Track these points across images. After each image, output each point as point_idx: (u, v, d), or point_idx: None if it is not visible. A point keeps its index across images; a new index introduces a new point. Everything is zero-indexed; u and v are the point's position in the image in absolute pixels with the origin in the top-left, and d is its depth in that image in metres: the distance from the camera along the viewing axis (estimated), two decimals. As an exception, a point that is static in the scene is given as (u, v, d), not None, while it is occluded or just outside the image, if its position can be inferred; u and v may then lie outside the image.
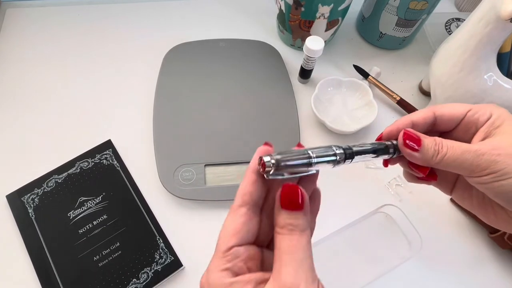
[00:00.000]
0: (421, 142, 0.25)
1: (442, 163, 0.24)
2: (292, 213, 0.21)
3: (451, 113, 0.26)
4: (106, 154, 0.51)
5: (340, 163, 0.24)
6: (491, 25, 0.41)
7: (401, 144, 0.25)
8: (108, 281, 0.42)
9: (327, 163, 0.23)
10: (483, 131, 0.25)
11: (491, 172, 0.22)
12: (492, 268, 0.45)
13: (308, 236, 0.21)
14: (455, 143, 0.24)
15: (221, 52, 0.60)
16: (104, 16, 0.66)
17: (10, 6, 0.67)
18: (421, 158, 0.25)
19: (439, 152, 0.24)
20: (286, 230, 0.21)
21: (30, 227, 0.45)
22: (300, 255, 0.20)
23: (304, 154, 0.22)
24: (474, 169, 0.23)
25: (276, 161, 0.21)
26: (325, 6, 0.53)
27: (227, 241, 0.22)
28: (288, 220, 0.21)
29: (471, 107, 0.26)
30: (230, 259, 0.21)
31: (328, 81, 0.56)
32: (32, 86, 0.58)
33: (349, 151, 0.24)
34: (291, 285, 0.19)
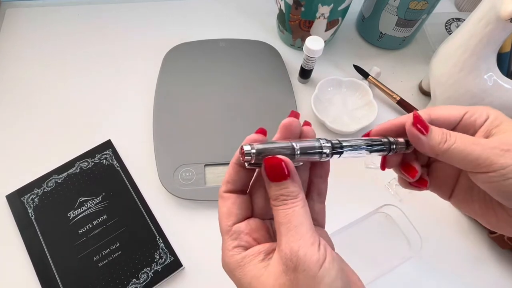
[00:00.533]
0: (429, 128, 0.24)
1: (448, 153, 0.23)
2: (280, 183, 0.21)
3: (447, 116, 0.25)
4: (106, 154, 0.51)
5: (327, 156, 0.23)
6: (491, 25, 0.41)
7: (409, 126, 0.24)
8: (108, 281, 0.42)
9: (312, 156, 0.23)
10: (483, 131, 0.24)
11: (499, 168, 0.21)
12: (492, 268, 0.45)
13: (301, 201, 0.21)
14: (463, 135, 0.23)
15: (221, 52, 0.60)
16: (104, 16, 0.66)
17: (10, 6, 0.67)
18: (427, 144, 0.23)
19: (446, 140, 0.23)
20: (279, 202, 0.21)
21: (30, 227, 0.45)
22: (295, 222, 0.20)
23: (287, 146, 0.22)
24: (481, 162, 0.22)
25: (256, 151, 0.21)
26: (325, 6, 0.53)
27: (225, 222, 0.23)
28: (279, 191, 0.21)
29: (467, 109, 0.25)
30: (235, 236, 0.23)
31: (328, 81, 0.56)
32: (32, 85, 0.58)
33: (337, 146, 0.23)
34: (290, 254, 0.20)
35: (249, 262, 0.22)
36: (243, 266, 0.22)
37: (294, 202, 0.21)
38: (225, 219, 0.23)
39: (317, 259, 0.19)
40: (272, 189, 0.21)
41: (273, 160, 0.21)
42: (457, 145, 0.23)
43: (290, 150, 0.22)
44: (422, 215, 0.48)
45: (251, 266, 0.22)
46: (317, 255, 0.20)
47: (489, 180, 0.22)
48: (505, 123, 0.24)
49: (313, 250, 0.20)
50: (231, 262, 0.22)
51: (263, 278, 0.21)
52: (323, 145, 0.23)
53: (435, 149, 0.23)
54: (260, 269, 0.21)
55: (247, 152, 0.21)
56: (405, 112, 0.57)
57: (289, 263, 0.20)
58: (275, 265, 0.21)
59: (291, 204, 0.21)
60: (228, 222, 0.23)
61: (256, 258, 0.22)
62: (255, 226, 0.24)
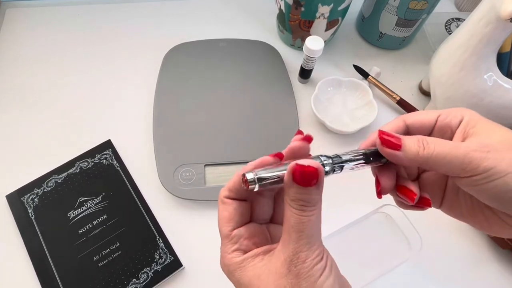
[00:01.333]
0: (401, 141, 0.23)
1: (431, 160, 0.22)
2: (304, 187, 0.20)
3: (422, 120, 0.25)
4: (106, 154, 0.51)
5: (328, 174, 0.23)
6: (491, 25, 0.41)
7: (379, 145, 0.24)
8: (108, 281, 0.42)
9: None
10: (460, 132, 0.24)
11: (483, 171, 0.21)
12: (492, 268, 0.45)
13: (318, 210, 0.21)
14: (441, 140, 0.23)
15: (221, 52, 0.60)
16: (104, 16, 0.66)
17: (10, 6, 0.67)
18: (405, 157, 0.23)
19: (424, 147, 0.22)
20: (296, 205, 0.21)
21: (30, 227, 0.45)
22: (308, 232, 0.21)
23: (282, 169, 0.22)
24: (466, 167, 0.21)
25: (259, 179, 0.21)
26: (325, 6, 0.53)
27: (226, 227, 0.24)
28: (299, 194, 0.21)
29: (440, 112, 0.25)
30: (235, 241, 0.23)
31: (328, 81, 0.56)
32: (31, 85, 0.58)
33: (337, 161, 0.23)
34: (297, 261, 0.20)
35: (249, 263, 0.22)
36: (243, 267, 0.22)
37: (312, 211, 0.21)
38: (226, 224, 0.24)
39: (320, 267, 0.21)
40: (292, 190, 0.21)
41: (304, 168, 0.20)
42: (438, 151, 0.22)
43: None
44: (422, 215, 0.47)
45: (251, 266, 0.22)
46: (319, 265, 0.21)
47: (474, 184, 0.22)
48: (480, 123, 0.23)
49: (318, 260, 0.21)
50: (231, 264, 0.23)
51: (263, 277, 0.21)
52: (324, 162, 0.22)
53: (416, 160, 0.23)
54: (259, 268, 0.22)
55: (250, 181, 0.21)
56: (405, 112, 0.57)
57: (293, 269, 0.20)
58: (277, 265, 0.21)
59: (309, 212, 0.21)
60: (228, 227, 0.24)
61: (256, 259, 0.23)
62: (254, 231, 0.24)
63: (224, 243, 0.24)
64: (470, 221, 0.26)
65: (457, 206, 0.26)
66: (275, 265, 0.21)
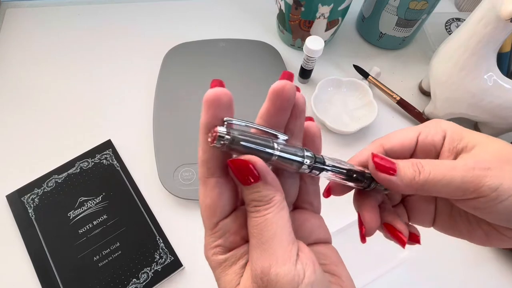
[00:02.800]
0: (396, 165, 0.21)
1: (427, 185, 0.20)
2: (251, 187, 0.18)
3: (400, 143, 0.23)
4: (106, 154, 0.51)
5: (305, 169, 0.20)
6: (491, 25, 0.41)
7: (373, 169, 0.21)
8: (108, 281, 0.42)
9: (290, 164, 0.20)
10: (448, 150, 0.22)
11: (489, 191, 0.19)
12: (492, 268, 0.45)
13: (275, 207, 0.18)
14: (436, 161, 0.21)
15: (221, 52, 0.60)
16: (104, 16, 0.66)
17: (10, 6, 0.67)
18: (401, 183, 0.21)
19: (420, 172, 0.20)
20: (251, 208, 0.18)
21: (30, 227, 0.45)
22: (266, 234, 0.18)
23: (267, 143, 0.18)
24: (467, 188, 0.19)
25: (231, 139, 0.17)
26: (325, 6, 0.53)
27: (210, 218, 0.19)
28: (250, 195, 0.18)
29: (419, 130, 0.23)
30: (220, 235, 0.19)
31: (328, 81, 0.56)
32: (32, 85, 0.58)
33: (319, 161, 0.21)
34: (261, 273, 0.17)
35: (230, 266, 0.19)
36: (223, 269, 0.19)
37: (267, 209, 0.18)
38: (210, 214, 0.19)
39: (290, 280, 0.17)
40: (244, 193, 0.19)
41: (237, 162, 0.18)
42: (434, 175, 0.20)
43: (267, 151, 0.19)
44: (422, 215, 0.47)
45: (231, 270, 0.19)
46: (291, 275, 0.17)
47: (481, 206, 0.20)
48: (466, 136, 0.22)
49: (287, 268, 0.17)
50: (212, 261, 0.20)
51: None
52: (306, 155, 0.20)
53: (412, 186, 0.21)
54: (238, 276, 0.19)
55: (221, 136, 0.17)
56: (405, 112, 0.57)
57: (259, 283, 0.17)
58: (246, 280, 0.18)
59: (263, 212, 0.18)
60: (212, 218, 0.19)
61: (238, 262, 0.19)
62: (243, 220, 0.20)
63: (207, 234, 0.20)
64: (467, 237, 0.24)
65: (452, 224, 0.24)
66: (245, 280, 0.18)
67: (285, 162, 0.19)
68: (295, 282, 0.17)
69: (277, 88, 0.19)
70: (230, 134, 0.17)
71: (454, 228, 0.25)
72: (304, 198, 0.23)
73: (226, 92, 0.18)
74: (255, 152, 0.18)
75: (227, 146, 0.17)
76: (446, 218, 0.25)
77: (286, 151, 0.19)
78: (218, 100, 0.18)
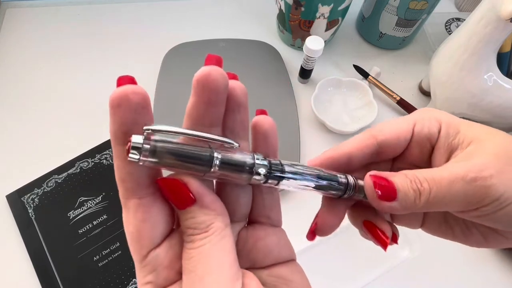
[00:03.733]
0: (395, 187, 0.18)
1: (429, 204, 0.18)
2: (185, 211, 0.15)
3: (396, 135, 0.20)
4: (106, 154, 0.51)
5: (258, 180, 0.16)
6: (491, 25, 0.41)
7: (372, 198, 0.19)
8: (108, 281, 0.42)
9: (237, 176, 0.16)
10: (443, 147, 0.20)
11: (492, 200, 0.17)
12: (492, 268, 0.45)
13: (214, 235, 0.15)
14: (433, 173, 0.18)
15: (221, 52, 0.60)
16: (104, 16, 0.66)
17: (10, 6, 0.67)
18: (401, 207, 0.18)
19: (420, 193, 0.18)
20: (186, 237, 0.15)
21: (30, 227, 0.45)
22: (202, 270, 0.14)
23: (202, 152, 0.15)
24: (470, 200, 0.17)
25: (152, 150, 0.14)
26: (325, 6, 0.53)
27: (138, 249, 0.16)
28: (184, 222, 0.15)
29: (414, 120, 0.21)
30: (150, 269, 0.16)
31: (328, 81, 0.56)
32: (32, 85, 0.57)
33: (276, 169, 0.17)
34: None
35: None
36: None
37: (203, 238, 0.15)
38: (135, 245, 0.16)
39: None
40: (180, 220, 0.16)
41: (167, 181, 0.15)
42: (436, 193, 0.18)
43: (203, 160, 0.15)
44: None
45: None
46: None
47: (482, 214, 0.18)
48: (462, 130, 0.19)
49: None
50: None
51: None
52: (257, 162, 0.16)
53: (413, 209, 0.18)
54: None
55: (134, 146, 0.13)
56: (405, 112, 0.57)
57: None
58: None
59: (198, 242, 0.15)
60: (141, 250, 0.16)
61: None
62: (179, 249, 0.16)
63: (136, 268, 0.16)
64: (462, 240, 0.22)
65: (446, 229, 0.22)
66: None
67: (231, 174, 0.16)
68: None
69: (200, 76, 0.16)
70: (150, 143, 0.14)
71: (447, 231, 0.22)
72: (259, 210, 0.19)
73: (137, 89, 0.15)
74: (188, 164, 0.14)
75: (149, 160, 0.14)
76: (438, 221, 0.23)
77: (230, 161, 0.15)
78: (126, 100, 0.14)
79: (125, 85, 0.15)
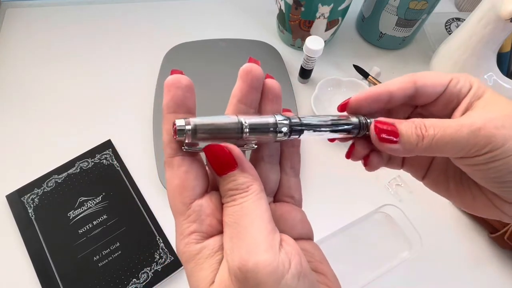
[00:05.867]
0: (398, 130, 0.20)
1: (431, 148, 0.20)
2: (226, 176, 0.17)
3: (433, 84, 0.22)
4: (106, 154, 0.51)
5: (284, 136, 0.19)
6: (491, 25, 0.41)
7: (375, 140, 0.21)
8: (108, 281, 0.42)
9: (265, 135, 0.18)
10: (465, 103, 0.21)
11: (491, 149, 0.19)
12: (492, 268, 0.45)
13: (253, 194, 0.17)
14: (440, 122, 0.20)
15: (221, 52, 0.60)
16: (104, 16, 0.66)
17: (10, 6, 0.67)
18: (404, 149, 0.20)
19: (424, 136, 0.20)
20: (227, 198, 0.17)
21: (30, 227, 0.45)
22: (244, 221, 0.16)
23: (232, 120, 0.17)
24: (471, 148, 0.19)
25: (193, 128, 0.16)
26: (325, 6, 0.53)
27: (179, 199, 0.17)
28: (226, 185, 0.17)
29: (452, 76, 0.22)
30: (194, 218, 0.17)
31: (328, 81, 0.56)
32: (32, 85, 0.57)
33: (296, 124, 0.19)
34: (239, 263, 0.15)
35: (206, 259, 0.17)
36: (197, 261, 0.17)
37: (244, 197, 0.17)
38: (179, 195, 0.17)
39: (273, 270, 0.15)
40: (220, 184, 0.18)
41: (213, 148, 0.17)
42: (440, 137, 0.19)
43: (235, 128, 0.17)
44: (422, 215, 0.48)
45: (207, 265, 0.17)
46: (273, 264, 0.15)
47: (477, 163, 0.20)
48: (487, 93, 0.21)
49: (268, 258, 0.15)
50: (185, 252, 0.17)
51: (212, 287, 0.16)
52: (279, 122, 0.19)
53: (415, 151, 0.20)
54: (212, 274, 0.16)
55: (180, 129, 0.16)
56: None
57: (239, 274, 0.15)
58: (224, 274, 0.16)
59: (240, 200, 0.17)
60: (183, 198, 0.17)
61: (215, 255, 0.17)
62: (219, 203, 0.18)
63: (178, 223, 0.18)
64: (455, 198, 0.24)
65: (443, 181, 0.24)
66: (222, 274, 0.16)
67: (259, 134, 0.18)
68: (279, 273, 0.15)
69: (246, 67, 0.21)
70: (190, 123, 0.16)
71: (443, 186, 0.24)
72: (285, 191, 0.22)
73: (185, 78, 0.18)
74: (224, 133, 0.17)
75: (192, 135, 0.16)
76: (437, 174, 0.25)
77: (256, 122, 0.18)
78: (178, 82, 0.18)
79: (178, 74, 0.18)
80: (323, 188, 0.48)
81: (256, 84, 0.20)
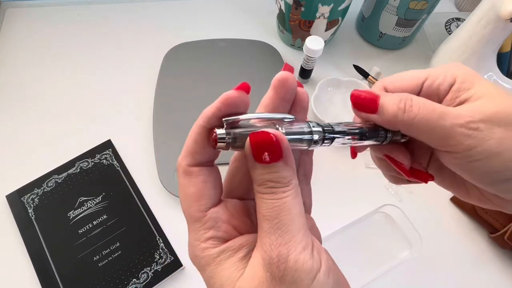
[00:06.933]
0: (378, 100, 0.20)
1: (412, 126, 0.19)
2: (269, 165, 0.16)
3: (404, 86, 0.21)
4: (106, 154, 0.51)
5: (317, 143, 0.19)
6: (491, 25, 0.41)
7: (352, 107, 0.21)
8: (108, 281, 0.42)
9: (300, 143, 0.18)
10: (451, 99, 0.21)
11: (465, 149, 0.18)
12: (492, 268, 0.45)
13: (293, 190, 0.17)
14: (428, 102, 0.19)
15: (221, 52, 0.60)
16: (104, 16, 0.66)
17: (10, 6, 0.67)
18: (382, 120, 0.20)
19: (405, 111, 0.19)
20: (265, 189, 0.17)
21: (30, 227, 0.45)
22: (285, 218, 0.16)
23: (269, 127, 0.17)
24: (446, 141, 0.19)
25: (233, 137, 0.16)
26: (325, 6, 0.53)
27: (197, 207, 0.18)
28: (266, 175, 0.16)
29: (427, 75, 0.21)
30: (211, 225, 0.18)
31: (328, 81, 0.56)
32: (32, 86, 0.57)
33: (329, 131, 0.19)
34: (278, 260, 0.15)
35: (227, 258, 0.17)
36: (218, 263, 0.17)
37: (285, 191, 0.16)
38: (196, 203, 0.18)
39: (310, 268, 0.15)
40: (257, 172, 0.17)
41: (262, 135, 0.16)
42: (421, 117, 0.19)
43: None
44: (422, 215, 0.48)
45: (228, 264, 0.17)
46: (310, 262, 0.16)
47: (453, 161, 0.20)
48: (477, 85, 0.20)
49: (305, 256, 0.16)
50: (204, 257, 0.17)
51: (240, 283, 0.16)
52: (314, 129, 0.19)
53: (394, 124, 0.20)
54: (238, 270, 0.17)
55: (220, 138, 0.16)
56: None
57: (275, 271, 0.16)
58: (256, 269, 0.16)
59: (281, 194, 0.16)
60: (200, 206, 0.18)
61: (236, 255, 0.17)
62: (234, 211, 0.19)
63: (194, 229, 0.18)
64: (452, 190, 0.24)
65: (440, 173, 0.24)
66: (253, 268, 0.16)
67: (295, 142, 0.18)
68: (314, 271, 0.15)
69: (282, 77, 0.19)
70: (230, 133, 0.16)
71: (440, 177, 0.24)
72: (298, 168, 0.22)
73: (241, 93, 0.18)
74: None
75: (231, 145, 0.17)
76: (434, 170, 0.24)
77: (293, 131, 0.18)
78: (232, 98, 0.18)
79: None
80: (323, 188, 0.48)
81: (289, 97, 0.20)
